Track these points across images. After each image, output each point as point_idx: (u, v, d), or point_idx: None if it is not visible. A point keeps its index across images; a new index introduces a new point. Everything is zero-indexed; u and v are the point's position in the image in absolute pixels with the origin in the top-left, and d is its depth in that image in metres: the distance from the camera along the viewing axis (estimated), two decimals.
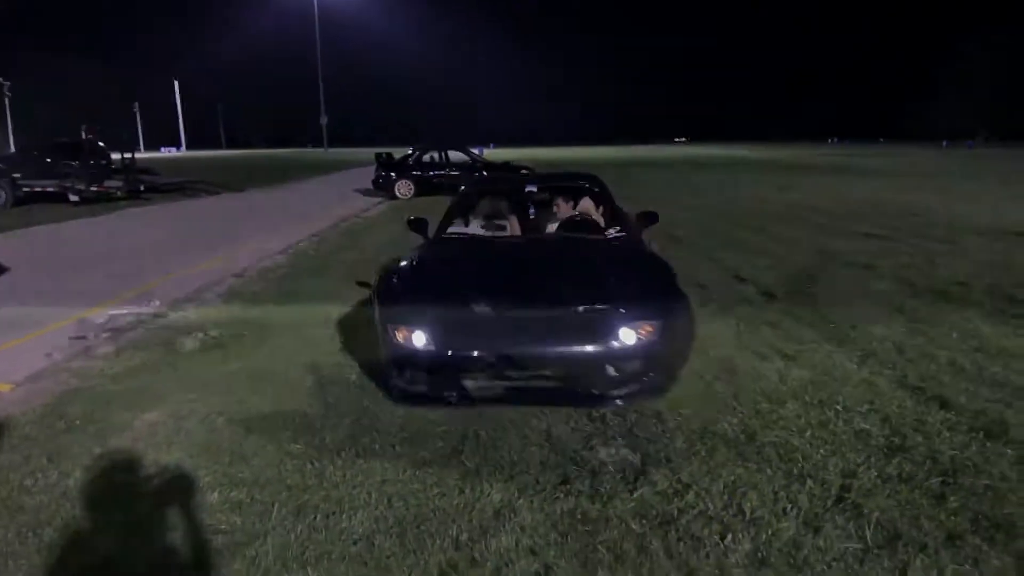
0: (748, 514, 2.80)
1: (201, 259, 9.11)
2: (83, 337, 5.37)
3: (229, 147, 58.09)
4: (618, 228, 5.42)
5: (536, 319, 3.77)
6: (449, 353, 3.67)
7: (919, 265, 7.97)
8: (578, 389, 3.73)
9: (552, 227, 5.66)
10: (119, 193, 17.97)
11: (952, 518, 2.76)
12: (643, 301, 3.88)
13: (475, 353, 3.64)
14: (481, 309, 3.80)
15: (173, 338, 5.29)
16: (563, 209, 5.80)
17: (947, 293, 6.55)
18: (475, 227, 5.77)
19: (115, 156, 19.50)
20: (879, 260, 8.32)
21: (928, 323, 5.49)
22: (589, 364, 3.67)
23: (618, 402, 3.70)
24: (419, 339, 3.70)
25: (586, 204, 5.85)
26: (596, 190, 5.88)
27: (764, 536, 2.65)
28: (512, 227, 5.73)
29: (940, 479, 3.06)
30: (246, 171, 32.35)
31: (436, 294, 3.97)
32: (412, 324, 3.75)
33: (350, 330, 5.39)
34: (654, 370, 3.78)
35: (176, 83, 69.18)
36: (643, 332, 3.68)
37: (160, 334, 5.47)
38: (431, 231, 5.35)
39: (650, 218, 5.53)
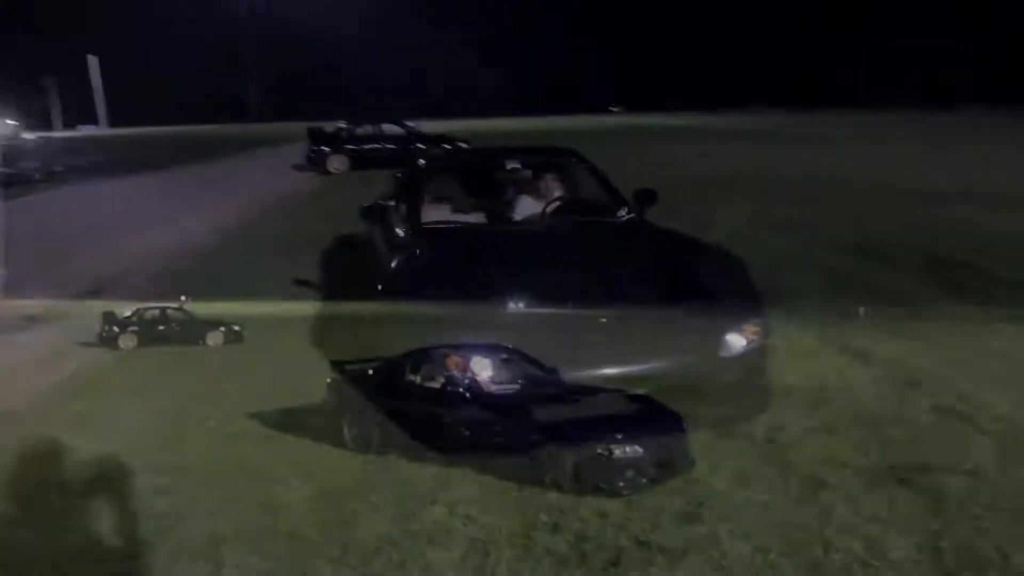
0: (679, 473, 2.87)
1: (122, 242, 8.71)
2: None
3: (154, 124, 55.45)
4: (625, 210, 4.59)
5: (632, 327, 3.08)
6: (530, 382, 2.91)
7: (848, 225, 8.24)
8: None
9: (534, 209, 4.66)
10: (37, 176, 17.06)
11: (872, 465, 2.89)
12: (743, 298, 3.32)
13: (559, 378, 2.92)
14: (559, 320, 3.12)
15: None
16: (549, 189, 4.84)
17: (877, 253, 6.81)
18: (444, 212, 4.88)
19: (28, 136, 18.54)
20: (810, 221, 8.57)
21: (857, 281, 5.70)
22: (694, 379, 3.08)
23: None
24: (481, 367, 2.92)
25: (572, 183, 5.07)
26: (583, 166, 5.08)
27: (695, 492, 2.72)
28: (489, 211, 4.89)
29: (862, 429, 3.20)
30: (172, 148, 31.06)
31: (493, 306, 3.14)
32: (469, 349, 2.93)
33: (286, 318, 5.28)
34: (758, 381, 3.30)
35: (95, 58, 65.13)
36: (749, 335, 3.14)
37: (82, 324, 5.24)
38: (388, 215, 4.64)
39: (648, 196, 4.62)
